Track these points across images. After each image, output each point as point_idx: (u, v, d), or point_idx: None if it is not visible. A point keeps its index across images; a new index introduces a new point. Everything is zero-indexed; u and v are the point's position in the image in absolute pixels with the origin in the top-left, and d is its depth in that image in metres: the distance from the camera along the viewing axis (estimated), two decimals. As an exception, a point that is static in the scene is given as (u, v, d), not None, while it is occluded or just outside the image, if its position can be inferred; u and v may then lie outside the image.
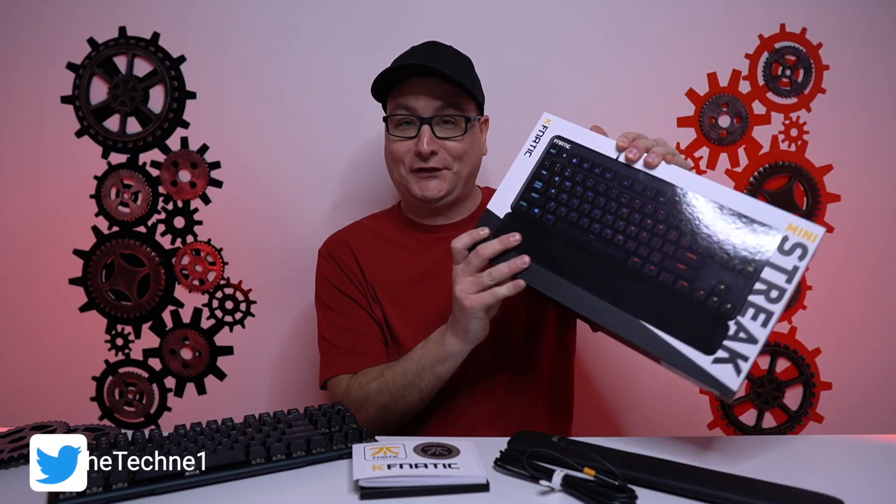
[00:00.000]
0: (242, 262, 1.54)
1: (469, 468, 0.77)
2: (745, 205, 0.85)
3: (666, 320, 0.84)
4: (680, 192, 0.88)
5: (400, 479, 0.75)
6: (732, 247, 0.83)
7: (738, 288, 0.82)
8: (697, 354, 0.81)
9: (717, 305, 0.82)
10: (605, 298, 0.88)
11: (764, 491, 0.73)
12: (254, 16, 1.48)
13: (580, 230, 0.92)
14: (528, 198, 0.96)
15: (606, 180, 0.92)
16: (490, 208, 0.97)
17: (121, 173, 1.51)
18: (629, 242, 0.89)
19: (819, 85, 1.51)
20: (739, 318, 0.81)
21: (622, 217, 0.90)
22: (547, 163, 0.96)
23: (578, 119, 1.50)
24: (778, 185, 1.52)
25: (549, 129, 0.98)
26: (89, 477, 0.74)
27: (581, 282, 0.90)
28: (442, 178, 1.12)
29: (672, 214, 0.87)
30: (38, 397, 1.54)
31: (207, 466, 0.79)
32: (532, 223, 0.95)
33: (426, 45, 1.18)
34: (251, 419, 0.92)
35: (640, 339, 0.85)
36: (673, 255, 0.86)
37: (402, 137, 1.12)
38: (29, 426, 0.95)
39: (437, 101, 1.10)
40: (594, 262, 0.90)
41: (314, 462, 0.84)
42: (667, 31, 1.49)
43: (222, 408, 1.52)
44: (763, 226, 0.83)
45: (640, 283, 0.87)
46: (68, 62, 1.49)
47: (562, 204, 0.94)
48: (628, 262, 0.88)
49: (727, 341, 0.80)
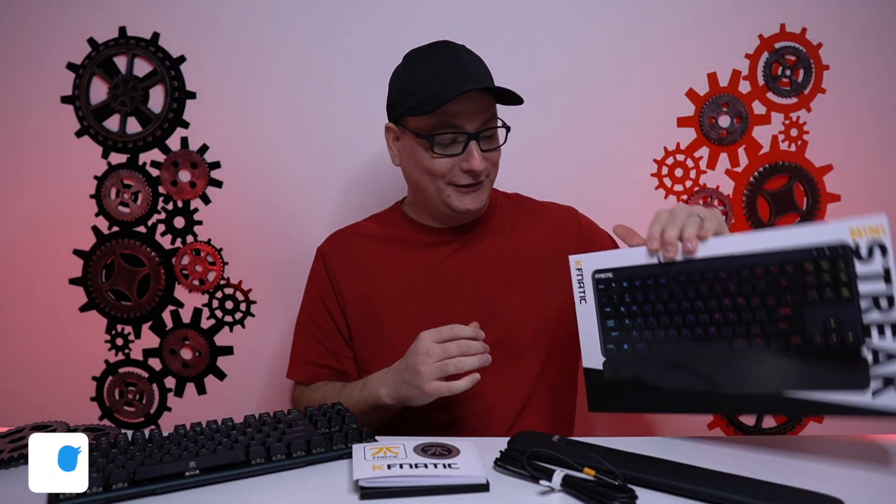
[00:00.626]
0: (242, 262, 1.54)
1: (469, 468, 0.77)
2: (798, 236, 0.81)
3: (805, 380, 0.81)
4: (735, 259, 0.85)
5: (400, 480, 0.75)
6: (815, 280, 0.80)
7: (848, 316, 0.78)
8: (855, 395, 0.78)
9: (841, 342, 0.79)
10: (737, 390, 0.85)
11: (764, 491, 0.73)
12: (254, 16, 1.48)
13: (675, 341, 0.89)
14: (611, 339, 0.94)
15: (664, 286, 0.89)
16: (586, 366, 0.96)
17: (121, 173, 1.51)
18: (724, 329, 0.86)
19: (819, 85, 1.51)
20: (869, 342, 0.77)
21: (701, 310, 0.87)
22: (605, 300, 0.94)
23: (578, 119, 1.51)
24: (778, 185, 1.52)
25: (583, 269, 0.96)
26: (89, 477, 0.74)
27: (705, 386, 0.87)
28: (481, 189, 1.12)
29: (742, 282, 0.84)
30: (38, 397, 1.54)
31: (207, 466, 0.79)
32: (630, 358, 0.93)
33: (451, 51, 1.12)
34: (251, 419, 0.92)
35: (794, 410, 0.82)
36: (769, 318, 0.83)
37: (446, 155, 1.08)
38: (29, 426, 0.95)
39: (481, 117, 1.08)
40: (706, 363, 0.87)
41: (314, 462, 0.84)
42: (667, 31, 1.49)
43: (222, 408, 1.52)
44: (828, 246, 0.79)
45: (759, 360, 0.84)
46: (68, 62, 1.49)
47: (643, 328, 0.91)
48: (735, 347, 0.85)
49: (873, 369, 0.77)
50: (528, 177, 1.49)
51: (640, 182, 1.52)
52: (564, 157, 1.51)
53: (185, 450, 0.82)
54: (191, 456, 0.80)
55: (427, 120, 1.08)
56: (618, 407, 0.94)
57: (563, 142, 1.51)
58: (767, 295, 0.83)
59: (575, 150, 1.51)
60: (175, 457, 0.80)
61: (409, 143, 1.12)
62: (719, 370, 0.86)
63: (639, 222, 1.51)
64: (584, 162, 1.52)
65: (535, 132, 1.50)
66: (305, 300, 1.24)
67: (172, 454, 0.81)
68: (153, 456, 0.80)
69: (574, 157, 1.51)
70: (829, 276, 0.79)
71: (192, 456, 0.80)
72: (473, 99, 1.06)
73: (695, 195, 1.53)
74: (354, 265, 1.19)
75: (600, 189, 1.51)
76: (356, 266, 1.19)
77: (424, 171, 1.11)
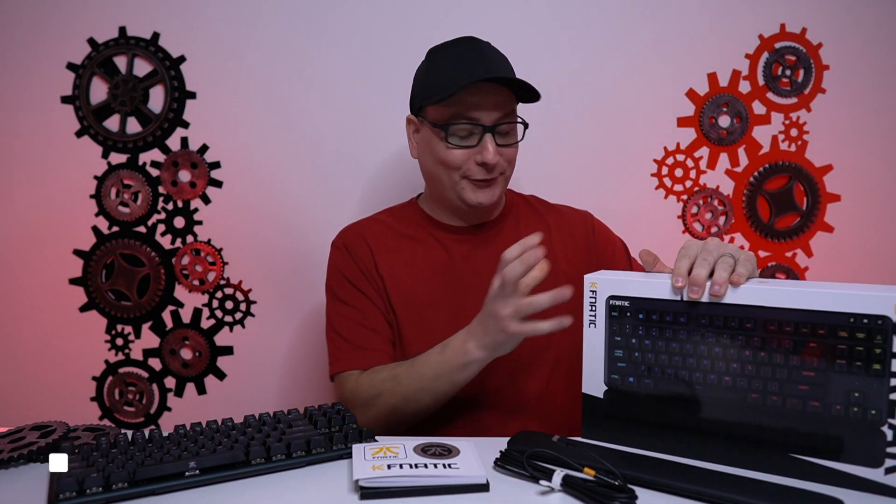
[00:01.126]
0: (242, 262, 1.54)
1: (469, 468, 0.77)
2: (838, 300, 0.76)
3: (816, 447, 0.77)
4: (765, 311, 0.79)
5: (400, 480, 0.75)
6: (847, 348, 0.75)
7: (875, 390, 0.74)
8: (866, 471, 0.75)
9: (862, 415, 0.75)
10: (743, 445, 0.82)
11: (764, 491, 0.73)
12: (254, 16, 1.48)
13: (685, 385, 0.85)
14: (616, 369, 0.90)
15: (682, 325, 0.84)
16: (586, 392, 0.92)
17: (121, 173, 1.51)
18: (739, 380, 0.81)
19: (819, 85, 1.51)
20: (892, 421, 0.74)
21: (718, 357, 0.82)
22: (615, 328, 0.89)
23: (578, 119, 1.51)
24: (778, 185, 1.52)
25: (598, 291, 0.90)
26: (88, 477, 0.74)
27: (708, 434, 0.83)
28: (495, 184, 1.11)
29: (768, 337, 0.79)
30: (38, 397, 1.54)
31: (207, 466, 0.79)
32: (633, 393, 0.89)
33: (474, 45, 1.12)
34: (251, 419, 0.92)
35: (799, 474, 0.78)
36: (789, 378, 0.79)
37: (461, 146, 1.08)
38: (29, 426, 0.95)
39: (498, 111, 1.08)
40: (714, 411, 0.83)
41: (314, 462, 0.84)
42: (667, 31, 1.49)
43: (222, 408, 1.52)
44: (868, 317, 0.74)
45: (772, 418, 0.80)
46: (68, 62, 1.49)
47: (652, 364, 0.87)
48: (747, 401, 0.81)
49: (890, 448, 0.74)
50: (528, 176, 1.49)
51: (640, 182, 1.52)
52: (564, 157, 1.51)
53: (184, 450, 0.82)
54: (191, 456, 0.80)
55: (444, 111, 1.08)
56: (613, 439, 0.90)
57: (564, 141, 1.51)
58: (793, 355, 0.78)
59: (575, 149, 1.51)
60: (175, 457, 0.80)
61: (427, 133, 1.12)
62: (727, 420, 0.82)
63: (639, 222, 1.52)
64: (584, 161, 1.52)
65: (535, 132, 1.50)
66: (330, 295, 1.18)
67: (172, 454, 0.80)
68: (153, 456, 0.80)
69: (574, 157, 1.51)
70: (863, 347, 0.75)
71: (192, 456, 0.80)
72: (491, 92, 1.07)
73: (695, 195, 1.53)
74: (371, 253, 1.17)
75: (600, 189, 1.51)
76: (373, 254, 1.17)
77: (440, 162, 1.11)
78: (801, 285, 0.81)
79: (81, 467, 0.78)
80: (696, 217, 1.53)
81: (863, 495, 0.74)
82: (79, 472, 0.76)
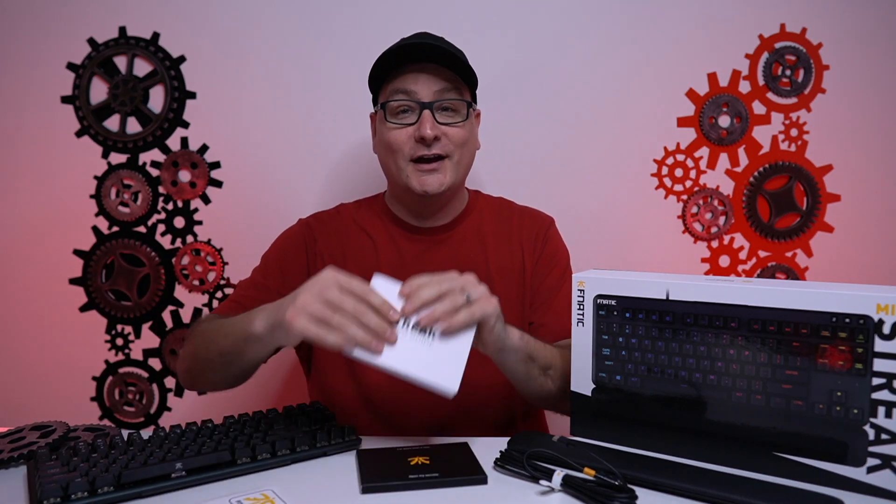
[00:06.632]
0: (242, 263, 1.53)
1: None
2: (820, 299, 0.77)
3: (799, 446, 0.78)
4: (749, 310, 0.81)
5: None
6: (829, 348, 0.76)
7: (857, 390, 0.75)
8: (849, 470, 0.76)
9: (844, 414, 0.76)
10: (727, 442, 0.82)
11: (764, 491, 0.73)
12: (254, 16, 1.48)
13: (671, 382, 0.86)
14: (603, 367, 0.91)
15: (668, 324, 0.86)
16: (574, 389, 0.93)
17: (121, 173, 1.51)
18: (724, 378, 0.82)
19: (819, 85, 1.51)
20: (873, 420, 0.74)
21: (703, 356, 0.84)
22: (603, 327, 0.91)
23: (579, 119, 1.51)
24: (778, 185, 1.52)
25: (585, 290, 0.92)
26: (73, 482, 0.73)
27: (694, 432, 0.85)
28: (442, 170, 1.08)
29: (752, 336, 0.81)
30: (38, 397, 1.54)
31: (194, 467, 0.79)
32: (620, 391, 0.90)
33: (418, 35, 1.15)
34: (229, 420, 0.93)
35: (782, 472, 0.79)
36: (772, 377, 0.80)
37: (400, 125, 1.07)
38: (29, 426, 0.95)
39: (437, 85, 1.06)
40: (699, 409, 0.84)
41: (298, 460, 0.85)
42: (667, 31, 1.49)
43: (222, 408, 1.52)
44: (850, 316, 0.75)
45: (756, 417, 0.81)
46: (68, 62, 1.49)
47: (639, 363, 0.88)
48: (732, 399, 0.82)
49: (872, 447, 0.75)
50: (528, 176, 1.49)
51: (640, 182, 1.52)
52: (565, 157, 1.51)
53: (168, 452, 0.81)
54: (176, 457, 0.79)
55: (385, 93, 1.10)
56: (601, 436, 0.91)
57: (564, 141, 1.51)
58: (776, 354, 0.79)
59: (575, 149, 1.51)
60: (160, 459, 0.79)
61: (378, 122, 1.13)
62: (712, 419, 0.83)
63: (639, 222, 1.52)
64: (584, 162, 1.51)
65: (536, 132, 1.50)
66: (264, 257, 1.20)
67: (156, 456, 0.80)
68: (137, 458, 0.79)
69: (574, 157, 1.51)
70: (845, 347, 0.76)
71: (177, 458, 0.79)
72: (428, 69, 1.06)
73: (695, 195, 1.53)
74: (335, 245, 1.17)
75: (600, 189, 1.51)
76: (336, 247, 1.16)
77: (385, 146, 1.10)
78: (784, 284, 0.82)
79: (64, 472, 0.77)
80: (696, 217, 1.53)
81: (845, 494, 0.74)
82: (62, 477, 0.74)
